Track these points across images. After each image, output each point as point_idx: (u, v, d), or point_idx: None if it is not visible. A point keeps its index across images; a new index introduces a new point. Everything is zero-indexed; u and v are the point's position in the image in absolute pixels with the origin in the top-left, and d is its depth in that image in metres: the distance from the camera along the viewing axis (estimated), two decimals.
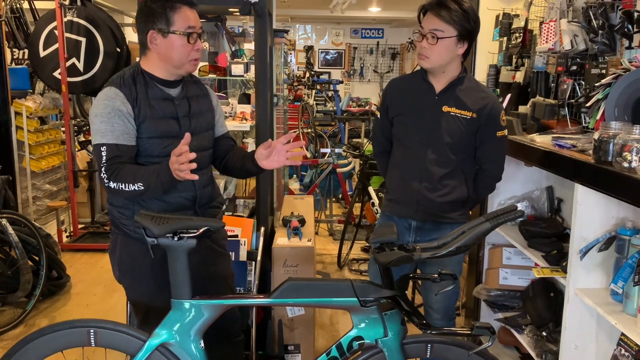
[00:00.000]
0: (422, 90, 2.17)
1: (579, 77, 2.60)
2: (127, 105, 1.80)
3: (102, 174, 1.77)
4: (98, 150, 1.78)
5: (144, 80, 1.87)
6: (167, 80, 1.90)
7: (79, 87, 4.96)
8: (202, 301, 1.65)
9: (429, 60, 2.08)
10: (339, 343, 1.64)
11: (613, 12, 2.34)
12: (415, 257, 1.51)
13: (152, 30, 1.83)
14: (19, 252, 3.34)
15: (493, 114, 2.13)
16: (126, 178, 1.75)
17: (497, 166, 2.23)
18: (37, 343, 1.64)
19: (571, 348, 2.03)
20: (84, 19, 4.82)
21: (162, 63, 1.86)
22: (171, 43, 1.82)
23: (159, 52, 1.84)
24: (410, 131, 2.19)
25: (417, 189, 2.16)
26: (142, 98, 1.84)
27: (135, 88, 1.84)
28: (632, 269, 1.77)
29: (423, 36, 2.07)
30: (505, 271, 2.75)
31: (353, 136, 7.58)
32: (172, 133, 1.87)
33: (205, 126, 2.00)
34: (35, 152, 4.73)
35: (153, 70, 1.88)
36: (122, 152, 1.79)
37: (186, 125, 1.91)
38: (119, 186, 1.75)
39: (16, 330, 3.31)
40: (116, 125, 1.78)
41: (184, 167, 1.64)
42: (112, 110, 1.78)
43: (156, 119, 1.85)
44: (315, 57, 11.42)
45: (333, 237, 5.21)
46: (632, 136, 1.70)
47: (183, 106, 1.92)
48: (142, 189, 1.75)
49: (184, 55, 1.84)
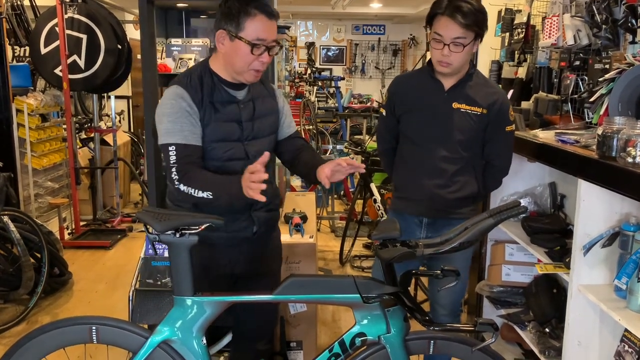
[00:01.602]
0: (430, 87, 2.16)
1: (582, 72, 2.58)
2: (194, 107, 1.77)
3: (172, 174, 1.74)
4: (166, 150, 1.75)
5: (211, 81, 1.83)
6: (233, 83, 1.85)
7: (80, 84, 4.96)
8: (204, 298, 1.64)
9: (451, 66, 2.06)
10: (341, 339, 1.63)
11: (617, 6, 2.33)
12: (417, 253, 1.50)
13: (221, 30, 1.77)
14: (20, 250, 3.35)
15: (503, 109, 2.13)
16: (197, 184, 1.72)
17: (505, 161, 2.23)
18: (39, 340, 1.64)
19: (574, 344, 2.02)
20: (85, 16, 4.81)
21: (226, 65, 1.82)
22: (236, 48, 1.76)
23: (224, 54, 1.79)
24: (420, 128, 2.17)
25: (428, 187, 2.15)
26: (207, 101, 1.80)
27: (201, 90, 1.80)
28: (636, 264, 1.76)
29: (444, 44, 2.02)
30: (507, 267, 2.75)
31: (355, 133, 7.57)
32: (233, 137, 1.84)
33: (268, 130, 1.95)
34: (36, 149, 4.72)
35: (219, 71, 1.84)
36: (192, 152, 1.76)
37: (248, 129, 1.87)
38: (188, 190, 1.72)
39: (18, 328, 3.31)
40: (184, 125, 1.75)
41: (254, 186, 1.59)
42: (179, 110, 1.75)
43: (220, 123, 1.81)
44: (317, 53, 11.40)
45: (335, 234, 5.21)
46: (636, 131, 1.69)
47: (248, 109, 1.88)
48: (211, 198, 1.72)
49: (246, 64, 1.77)
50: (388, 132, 2.31)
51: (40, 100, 4.74)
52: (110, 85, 5.24)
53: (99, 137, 5.55)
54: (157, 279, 2.48)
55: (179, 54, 3.27)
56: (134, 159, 6.70)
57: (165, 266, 2.50)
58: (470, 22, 1.99)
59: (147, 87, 2.87)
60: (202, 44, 3.31)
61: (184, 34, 3.43)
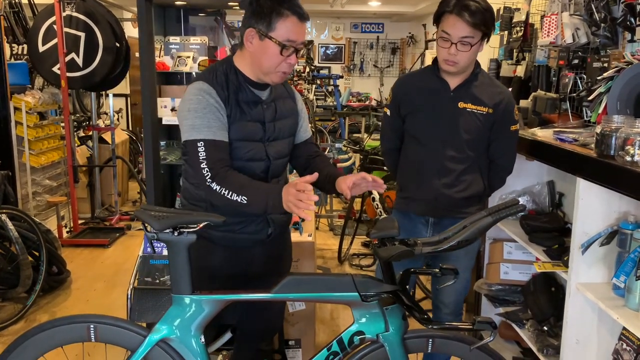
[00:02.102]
0: (436, 87, 2.15)
1: (581, 70, 2.58)
2: (220, 103, 1.74)
3: (204, 171, 1.69)
4: (194, 146, 1.70)
5: (237, 80, 1.80)
6: (257, 82, 1.82)
7: (78, 82, 4.95)
8: (202, 296, 1.64)
9: (457, 66, 2.05)
10: (339, 338, 1.63)
11: (615, 4, 2.33)
12: (416, 251, 1.50)
13: (251, 28, 1.72)
14: (19, 248, 3.34)
15: (508, 108, 2.13)
16: (232, 186, 1.67)
17: (510, 160, 2.24)
18: (37, 338, 1.64)
19: (572, 343, 2.03)
20: (83, 14, 4.80)
21: (253, 65, 1.78)
22: (265, 48, 1.72)
23: (252, 53, 1.75)
24: (425, 128, 2.17)
25: (435, 186, 2.15)
26: (232, 99, 1.77)
27: (227, 87, 1.77)
28: (634, 263, 1.76)
29: (451, 43, 2.01)
30: (506, 266, 2.75)
31: (353, 131, 7.56)
32: (256, 137, 1.81)
33: (288, 131, 1.92)
34: (34, 147, 4.72)
35: (244, 70, 1.80)
36: (221, 149, 1.72)
37: (270, 130, 1.85)
38: (221, 190, 1.67)
39: (16, 326, 3.31)
40: (212, 121, 1.71)
41: (302, 205, 1.56)
42: (207, 106, 1.72)
43: (244, 122, 1.78)
44: (315, 51, 11.39)
45: (333, 232, 5.21)
46: (635, 130, 1.69)
47: (270, 110, 1.85)
48: (245, 203, 1.67)
49: (274, 65, 1.73)
50: (393, 132, 2.30)
51: (38, 98, 4.73)
52: (109, 83, 5.23)
53: (97, 135, 5.54)
54: (156, 277, 2.48)
55: (177, 52, 3.27)
56: (132, 157, 6.70)
57: (163, 264, 2.50)
58: (478, 21, 1.98)
59: (145, 85, 2.87)
60: (200, 42, 3.31)
61: (183, 32, 3.42)
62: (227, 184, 1.68)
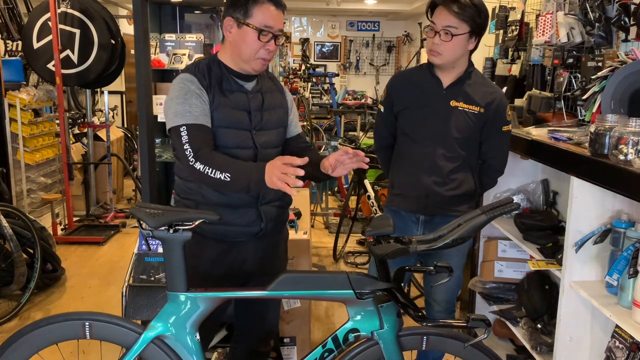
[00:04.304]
0: (429, 85, 2.16)
1: (575, 69, 2.60)
2: (202, 90, 1.79)
3: (186, 152, 1.71)
4: (177, 132, 1.74)
5: (220, 70, 1.85)
6: (242, 74, 1.86)
7: (73, 79, 4.93)
8: (198, 294, 1.64)
9: (441, 57, 2.07)
10: (334, 335, 1.64)
11: (610, 4, 2.34)
12: (411, 249, 1.51)
13: (229, 17, 1.80)
14: (13, 245, 3.33)
15: (500, 109, 2.14)
16: (215, 164, 1.69)
17: (501, 160, 2.25)
18: (32, 335, 1.64)
19: (566, 340, 2.04)
20: (78, 11, 4.79)
21: (233, 54, 1.83)
22: (243, 35, 1.78)
23: (231, 42, 1.81)
24: (418, 126, 2.18)
25: (426, 184, 2.15)
26: (215, 86, 1.81)
27: (209, 77, 1.82)
28: (627, 261, 1.77)
29: (435, 32, 2.04)
30: (500, 264, 2.76)
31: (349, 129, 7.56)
32: (242, 125, 1.84)
33: (276, 122, 1.94)
34: (29, 144, 4.70)
35: (227, 62, 1.85)
36: (203, 132, 1.75)
37: (257, 119, 1.87)
38: (205, 169, 1.69)
39: (11, 323, 3.30)
40: (194, 106, 1.76)
41: (285, 178, 1.56)
42: (188, 92, 1.76)
43: (228, 108, 1.82)
44: (311, 49, 11.38)
45: (329, 230, 5.22)
46: (628, 129, 1.70)
47: (257, 99, 1.88)
48: (228, 181, 1.68)
49: (253, 51, 1.78)
50: (386, 128, 2.31)
51: (33, 95, 4.71)
52: (104, 81, 5.22)
53: (92, 133, 5.52)
54: (151, 274, 2.49)
55: (173, 49, 3.26)
56: (127, 154, 6.68)
57: (158, 262, 2.51)
58: (461, 12, 2.00)
59: (140, 83, 2.87)
60: (196, 39, 3.31)
61: (178, 29, 3.42)
62: (210, 161, 1.70)
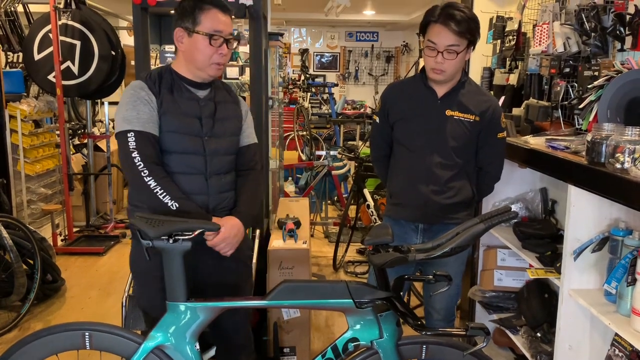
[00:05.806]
0: (423, 95, 2.18)
1: (572, 79, 2.61)
2: (151, 96, 1.83)
3: (136, 160, 1.75)
4: (124, 137, 1.78)
5: (171, 78, 1.89)
6: (195, 82, 1.90)
7: (73, 91, 4.95)
8: (197, 304, 1.65)
9: (445, 74, 2.09)
10: (334, 345, 1.64)
11: (605, 14, 2.36)
12: (410, 258, 1.51)
13: (179, 28, 1.85)
14: (13, 256, 3.33)
15: (495, 116, 2.16)
16: (170, 191, 1.77)
17: (497, 167, 2.27)
18: (32, 346, 1.64)
19: (565, 348, 2.04)
20: (79, 22, 4.81)
21: (187, 63, 1.88)
22: (195, 43, 1.83)
23: (184, 52, 1.86)
24: (414, 135, 2.19)
25: (424, 193, 2.17)
26: (165, 92, 1.85)
27: (159, 83, 1.86)
28: (625, 269, 1.78)
29: (438, 52, 2.04)
30: (499, 272, 2.76)
31: (348, 139, 7.59)
32: (193, 132, 1.87)
33: (230, 131, 1.97)
34: (29, 155, 4.71)
35: (181, 70, 1.90)
36: (151, 141, 1.79)
37: (209, 126, 1.90)
38: (156, 189, 1.75)
39: (10, 334, 3.29)
40: (142, 113, 1.79)
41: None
42: (137, 99, 1.81)
43: (178, 114, 1.85)
44: (310, 60, 11.44)
45: (328, 240, 5.22)
46: (625, 137, 1.71)
47: (208, 107, 1.92)
48: (174, 210, 1.76)
49: (207, 57, 1.84)
50: (382, 139, 2.33)
51: (34, 106, 4.73)
52: (104, 92, 5.24)
53: (92, 143, 5.54)
54: None
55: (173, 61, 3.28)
56: None
57: None
58: (463, 30, 2.02)
59: None
60: None
61: None
62: (165, 186, 1.76)
